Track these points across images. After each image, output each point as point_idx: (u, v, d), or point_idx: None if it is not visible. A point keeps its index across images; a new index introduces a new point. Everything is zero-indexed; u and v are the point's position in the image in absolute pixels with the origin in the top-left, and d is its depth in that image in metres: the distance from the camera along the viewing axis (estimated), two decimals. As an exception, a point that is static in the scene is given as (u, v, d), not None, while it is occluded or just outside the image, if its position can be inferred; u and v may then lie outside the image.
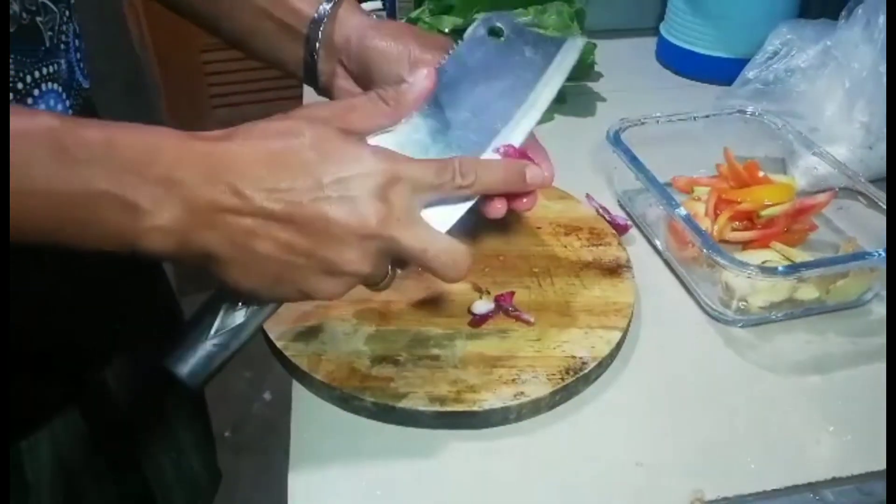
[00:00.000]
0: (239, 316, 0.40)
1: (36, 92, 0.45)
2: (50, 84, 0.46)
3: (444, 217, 0.42)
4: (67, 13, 0.48)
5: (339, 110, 0.41)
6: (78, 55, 0.50)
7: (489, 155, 0.45)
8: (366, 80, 0.51)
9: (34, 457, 0.53)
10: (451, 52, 0.48)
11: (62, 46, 0.47)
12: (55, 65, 0.46)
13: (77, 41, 0.50)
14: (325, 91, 0.54)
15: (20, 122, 0.33)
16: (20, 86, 0.43)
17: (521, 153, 0.46)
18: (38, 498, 0.54)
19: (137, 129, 0.36)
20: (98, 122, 0.36)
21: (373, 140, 0.42)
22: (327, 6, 0.50)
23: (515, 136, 0.46)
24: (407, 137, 0.43)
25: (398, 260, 0.40)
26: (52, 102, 0.46)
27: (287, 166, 0.36)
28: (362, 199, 0.37)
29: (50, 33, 0.45)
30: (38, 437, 0.54)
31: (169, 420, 0.70)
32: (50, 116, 0.35)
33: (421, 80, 0.43)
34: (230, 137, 0.37)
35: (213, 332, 0.40)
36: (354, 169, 0.37)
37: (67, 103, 0.48)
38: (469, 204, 0.42)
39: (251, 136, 0.37)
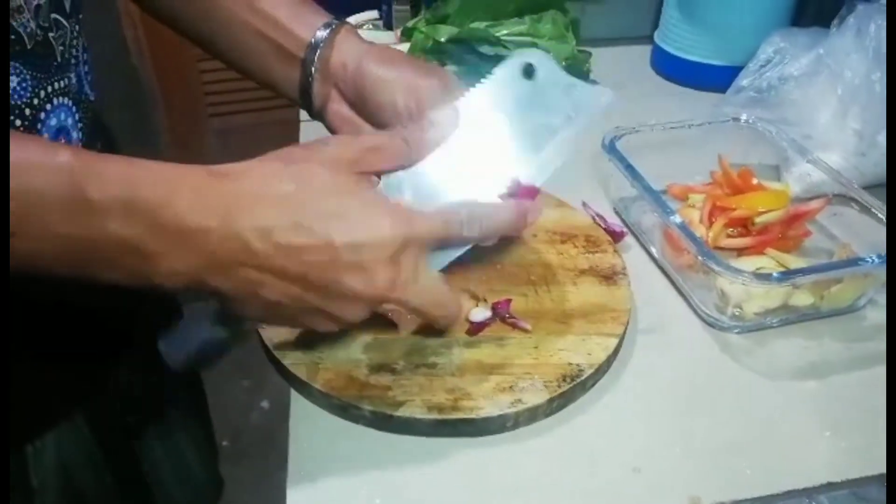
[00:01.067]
0: (234, 327, 0.42)
1: (48, 106, 0.45)
2: (61, 98, 0.46)
3: (443, 257, 0.43)
4: (77, 28, 0.48)
5: (361, 151, 0.40)
6: (86, 68, 0.50)
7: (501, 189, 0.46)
8: (361, 105, 0.51)
9: (39, 462, 0.54)
10: (481, 82, 0.47)
11: (73, 61, 0.47)
12: (66, 79, 0.46)
13: (85, 55, 0.50)
14: (319, 114, 0.54)
15: (39, 156, 0.34)
16: (35, 101, 0.44)
17: (529, 191, 0.46)
18: (44, 501, 0.54)
19: (155, 170, 0.36)
20: (116, 159, 0.36)
21: (384, 177, 0.43)
22: (325, 32, 0.50)
23: (533, 178, 0.47)
24: (422, 178, 0.44)
25: None
26: (62, 116, 0.46)
27: (302, 220, 0.36)
28: (374, 268, 0.38)
29: (61, 48, 0.45)
30: (44, 442, 0.54)
31: (171, 426, 0.70)
32: (69, 153, 0.35)
33: (446, 121, 0.44)
34: (248, 175, 0.37)
35: (207, 334, 0.42)
36: (370, 235, 0.37)
37: (77, 116, 0.48)
38: (469, 246, 0.44)
39: (267, 177, 0.37)
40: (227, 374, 1.68)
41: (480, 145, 0.46)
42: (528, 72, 0.47)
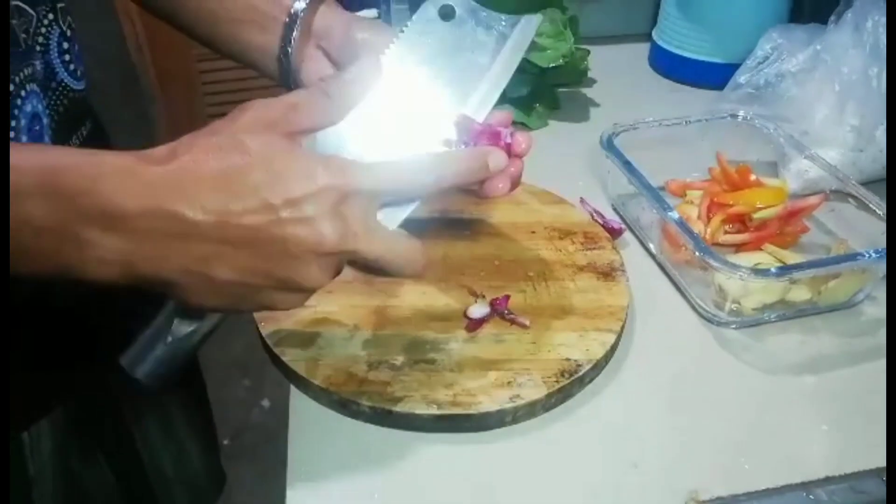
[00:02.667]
0: (196, 322, 0.40)
1: (23, 93, 0.45)
2: (30, 85, 0.46)
3: (396, 214, 0.41)
4: (51, 16, 0.48)
5: (282, 110, 0.38)
6: (66, 57, 0.50)
7: (447, 133, 0.43)
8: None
9: (36, 450, 0.54)
10: (398, 35, 0.45)
11: (38, 48, 0.47)
12: (31, 66, 0.46)
13: (66, 43, 0.50)
14: (293, 76, 0.52)
15: None
16: (11, 87, 0.44)
17: (489, 133, 0.44)
18: (41, 492, 0.55)
19: (75, 155, 0.35)
20: (40, 148, 0.35)
21: (322, 138, 0.40)
22: (305, 1, 0.50)
23: (477, 112, 0.44)
24: (357, 132, 0.41)
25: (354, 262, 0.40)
26: (34, 103, 0.46)
27: (235, 188, 0.35)
28: (317, 219, 0.36)
29: (24, 35, 0.45)
30: (40, 431, 0.54)
31: (170, 417, 0.70)
32: None
33: (366, 69, 0.41)
34: (173, 157, 0.35)
35: (169, 336, 0.40)
36: (306, 188, 0.36)
37: (45, 102, 0.48)
38: (419, 200, 0.41)
39: (194, 155, 0.35)
40: (228, 373, 1.68)
41: (412, 93, 0.44)
42: (446, 14, 0.46)
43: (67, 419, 0.56)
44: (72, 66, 0.51)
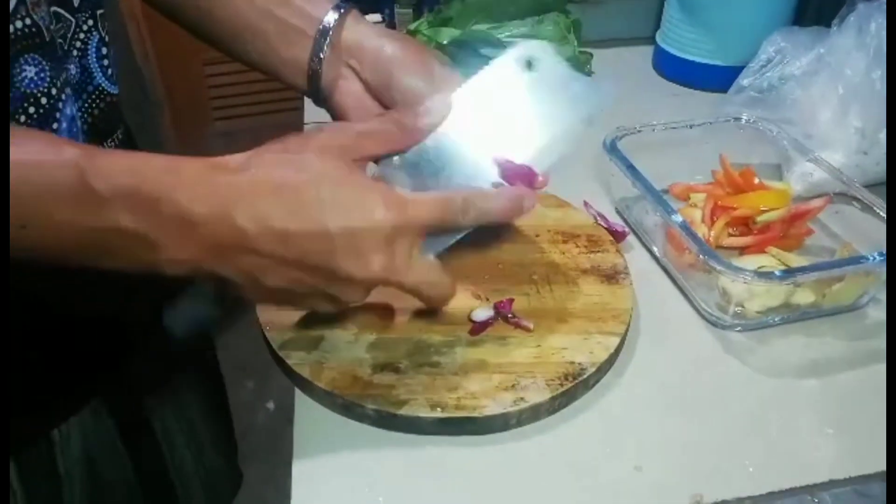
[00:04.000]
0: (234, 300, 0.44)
1: (63, 96, 0.46)
2: (67, 90, 0.47)
3: (438, 243, 0.44)
4: (91, 21, 0.49)
5: (354, 137, 0.42)
6: (105, 62, 0.51)
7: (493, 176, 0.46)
8: (384, 87, 0.50)
9: (66, 449, 0.55)
10: (476, 75, 0.47)
11: (74, 52, 0.48)
12: (65, 71, 0.47)
13: (105, 49, 0.51)
14: (325, 95, 0.52)
15: (45, 152, 0.35)
16: (53, 91, 0.45)
17: (525, 175, 0.46)
18: (71, 489, 0.55)
19: (158, 163, 0.37)
20: (121, 154, 0.37)
21: (383, 163, 0.44)
22: (335, 13, 0.50)
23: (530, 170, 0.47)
24: (418, 163, 0.45)
25: None
26: (70, 106, 0.47)
27: (297, 208, 0.37)
28: (369, 253, 0.39)
29: (60, 41, 0.46)
30: (70, 429, 0.55)
31: (192, 416, 0.71)
32: (74, 149, 0.36)
33: (437, 107, 0.44)
34: (246, 167, 0.38)
35: (203, 303, 0.45)
36: (364, 220, 0.38)
37: (76, 106, 0.49)
38: (463, 233, 0.44)
39: (264, 168, 0.38)
40: (233, 376, 1.68)
41: (477, 132, 0.46)
42: (529, 64, 0.47)
43: (94, 418, 0.57)
44: (109, 71, 0.52)
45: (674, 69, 0.96)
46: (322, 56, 0.50)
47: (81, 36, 0.49)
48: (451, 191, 0.43)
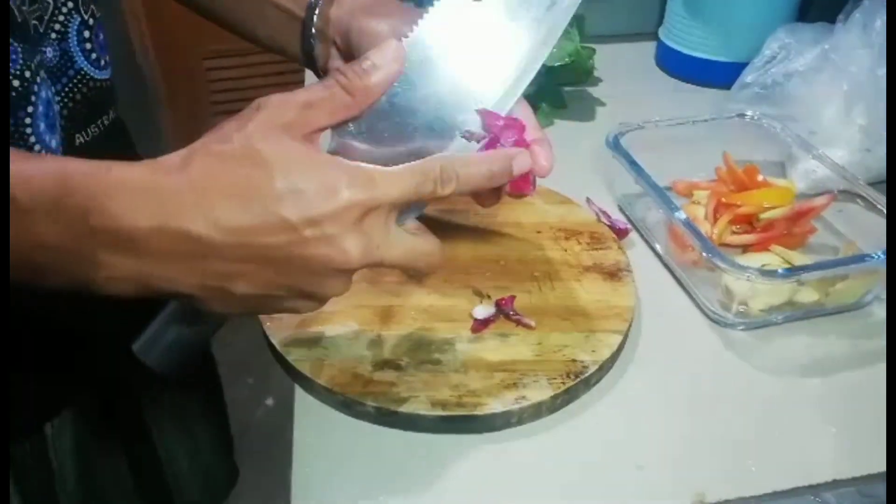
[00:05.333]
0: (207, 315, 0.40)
1: (38, 79, 0.45)
2: (41, 73, 0.46)
3: (409, 213, 0.40)
4: (70, 3, 0.48)
5: (298, 109, 0.36)
6: (88, 45, 0.50)
7: (468, 121, 0.41)
8: (349, 50, 0.49)
9: (58, 443, 0.55)
10: (422, 17, 0.42)
11: (52, 35, 0.47)
12: (40, 53, 0.46)
13: (87, 31, 0.50)
14: (323, 72, 0.52)
15: None
16: (27, 73, 0.44)
17: (512, 126, 0.42)
18: (63, 484, 0.55)
19: (88, 171, 0.33)
20: (50, 160, 0.34)
21: (340, 135, 0.39)
22: None
23: (499, 107, 0.42)
24: (377, 126, 0.39)
25: None
26: (45, 89, 0.46)
27: (251, 204, 0.33)
28: (341, 237, 0.35)
29: (35, 23, 0.45)
30: (62, 423, 0.55)
31: (187, 413, 0.71)
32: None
33: (387, 59, 0.39)
34: (185, 168, 0.34)
35: (181, 324, 0.40)
36: (329, 205, 0.34)
37: (53, 90, 0.48)
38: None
39: (207, 167, 0.34)
40: (232, 372, 1.68)
41: (435, 81, 0.41)
42: None
43: (87, 413, 0.57)
44: (94, 56, 0.50)
45: (677, 65, 0.95)
46: (312, 39, 0.49)
47: (61, 18, 0.47)
48: (426, 160, 0.38)
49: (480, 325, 0.53)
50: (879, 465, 0.46)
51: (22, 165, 0.33)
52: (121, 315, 0.57)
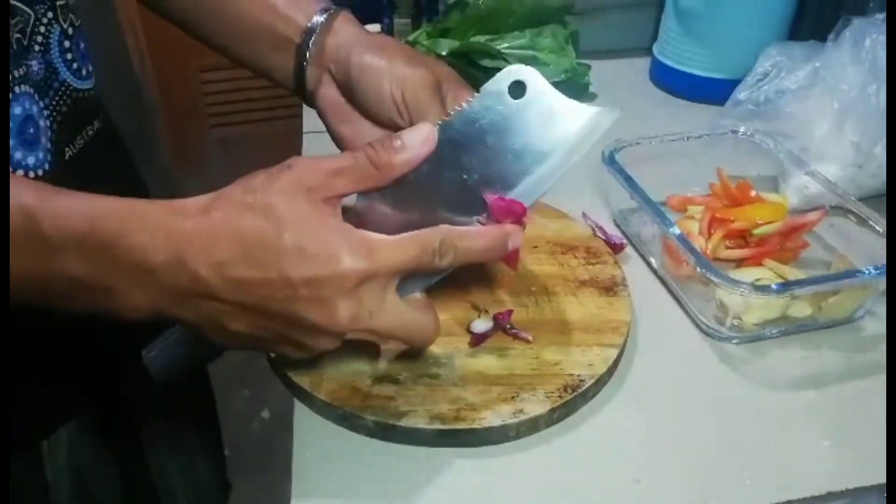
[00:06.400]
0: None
1: (10, 95, 0.45)
2: (23, 86, 0.46)
3: (416, 283, 0.42)
4: (50, 14, 0.47)
5: (326, 176, 0.38)
6: (69, 55, 0.49)
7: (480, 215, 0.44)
8: (349, 92, 0.51)
9: (53, 459, 0.55)
10: (463, 105, 0.44)
11: (36, 48, 0.47)
12: (25, 66, 0.46)
13: (68, 42, 0.49)
14: (311, 98, 0.53)
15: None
16: None
17: (512, 210, 0.44)
18: (58, 497, 0.55)
19: (113, 208, 0.36)
20: (75, 196, 0.36)
21: (366, 196, 0.41)
22: (322, 17, 0.50)
23: (522, 198, 0.44)
24: (401, 195, 0.42)
25: None
26: (27, 105, 0.46)
27: (257, 256, 0.36)
28: (333, 301, 0.37)
29: (18, 35, 0.45)
30: (58, 439, 0.55)
31: (178, 426, 0.71)
32: (28, 191, 0.35)
33: (417, 142, 0.41)
34: (206, 212, 0.36)
35: (189, 343, 0.44)
36: (328, 270, 0.36)
37: (42, 104, 0.47)
38: (443, 274, 0.43)
39: (226, 214, 0.36)
40: (228, 384, 1.68)
41: (462, 165, 0.43)
42: (517, 90, 0.44)
43: (82, 428, 0.57)
44: (75, 65, 0.50)
45: (671, 81, 0.96)
46: (305, 64, 0.50)
47: (42, 30, 0.47)
48: (427, 231, 0.40)
49: (478, 340, 0.53)
50: (873, 477, 0.46)
51: (52, 203, 0.35)
52: (119, 333, 0.57)
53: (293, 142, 0.83)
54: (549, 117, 0.44)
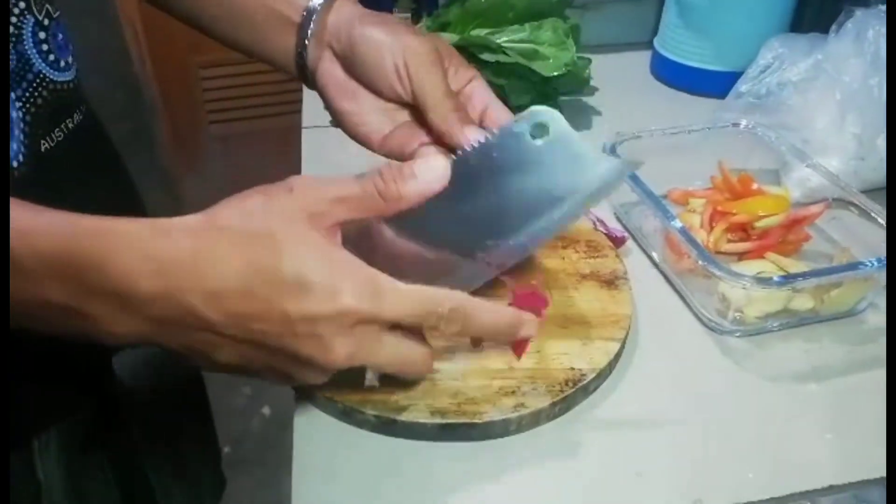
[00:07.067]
0: None
1: None
2: None
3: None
4: (22, 4, 0.46)
5: (330, 203, 0.36)
6: (44, 47, 0.48)
7: (495, 247, 0.42)
8: (352, 66, 0.50)
9: (45, 456, 0.54)
10: (481, 141, 0.43)
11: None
12: None
13: (43, 33, 0.48)
14: (312, 79, 0.52)
15: None
16: None
17: (532, 298, 0.44)
18: (50, 496, 0.55)
19: (92, 228, 0.33)
20: (54, 216, 0.33)
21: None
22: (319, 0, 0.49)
23: (524, 248, 0.43)
24: (407, 222, 0.40)
25: None
26: None
27: (256, 286, 0.33)
28: (330, 338, 0.35)
29: None
30: (49, 437, 0.54)
31: (171, 422, 0.70)
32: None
33: (429, 177, 0.39)
34: (196, 234, 0.34)
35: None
36: (327, 308, 0.34)
37: (15, 95, 0.46)
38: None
39: (220, 241, 0.34)
40: (228, 382, 1.68)
41: (473, 201, 0.42)
42: (538, 131, 0.43)
43: (73, 425, 0.57)
44: (51, 57, 0.49)
45: (672, 74, 0.96)
46: (307, 42, 0.50)
47: (14, 20, 0.45)
48: (443, 292, 0.38)
49: (479, 334, 0.53)
50: (875, 470, 0.46)
51: (27, 223, 0.33)
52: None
53: (293, 138, 0.83)
54: (568, 163, 0.42)
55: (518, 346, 0.47)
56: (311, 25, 0.50)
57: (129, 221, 0.34)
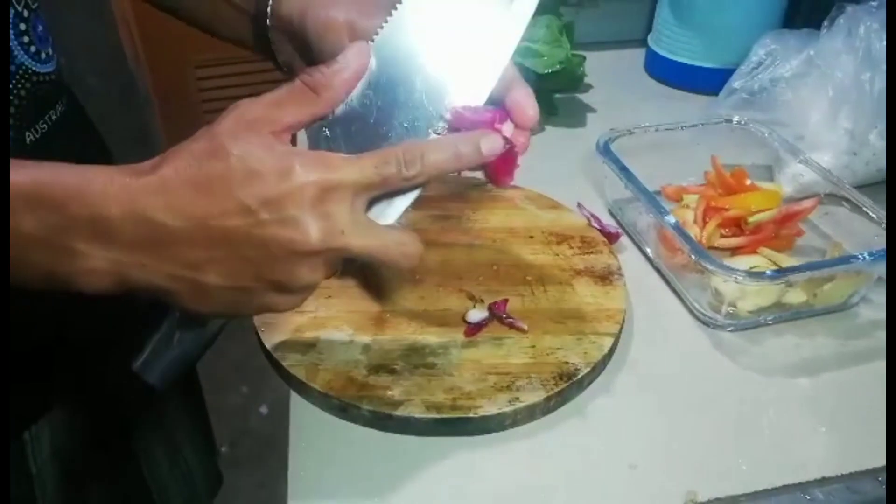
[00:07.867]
0: (199, 327, 0.41)
1: None
2: None
3: (390, 209, 0.39)
4: None
5: (265, 109, 0.37)
6: (25, 38, 0.48)
7: (443, 119, 0.40)
8: (307, 56, 0.48)
9: (37, 448, 0.54)
10: (389, 18, 0.41)
11: None
12: None
13: (23, 24, 0.48)
14: (286, 70, 0.51)
15: None
16: None
17: (484, 121, 0.41)
18: (43, 488, 0.55)
19: (64, 168, 0.35)
20: (24, 163, 0.35)
21: (311, 133, 0.39)
22: None
23: (474, 96, 0.41)
24: (351, 130, 0.40)
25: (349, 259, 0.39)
26: None
27: (213, 192, 0.35)
28: (298, 219, 0.35)
29: None
30: (41, 428, 0.55)
31: (166, 417, 0.70)
32: None
33: (352, 58, 0.39)
34: (157, 167, 0.35)
35: (176, 341, 0.41)
36: (283, 186, 0.35)
37: None
38: (417, 192, 0.40)
39: (176, 164, 0.35)
40: (226, 380, 1.68)
41: (408, 77, 0.41)
42: None
43: (66, 418, 0.57)
44: (32, 48, 0.49)
45: (666, 71, 0.96)
46: (269, 32, 0.49)
47: None
48: (387, 146, 0.38)
49: (474, 329, 0.53)
50: (867, 462, 0.46)
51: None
52: (105, 324, 0.57)
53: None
54: (480, 7, 0.41)
55: (500, 171, 0.43)
56: (269, 17, 0.48)
57: (100, 166, 0.35)
